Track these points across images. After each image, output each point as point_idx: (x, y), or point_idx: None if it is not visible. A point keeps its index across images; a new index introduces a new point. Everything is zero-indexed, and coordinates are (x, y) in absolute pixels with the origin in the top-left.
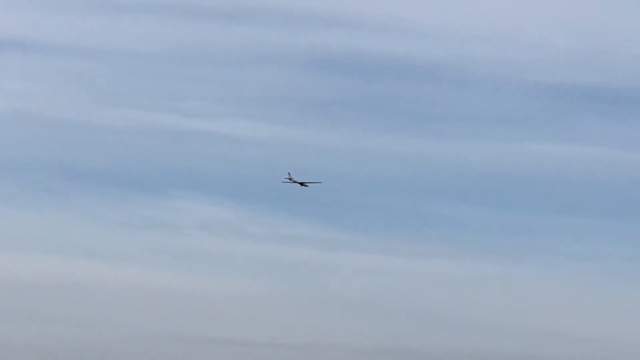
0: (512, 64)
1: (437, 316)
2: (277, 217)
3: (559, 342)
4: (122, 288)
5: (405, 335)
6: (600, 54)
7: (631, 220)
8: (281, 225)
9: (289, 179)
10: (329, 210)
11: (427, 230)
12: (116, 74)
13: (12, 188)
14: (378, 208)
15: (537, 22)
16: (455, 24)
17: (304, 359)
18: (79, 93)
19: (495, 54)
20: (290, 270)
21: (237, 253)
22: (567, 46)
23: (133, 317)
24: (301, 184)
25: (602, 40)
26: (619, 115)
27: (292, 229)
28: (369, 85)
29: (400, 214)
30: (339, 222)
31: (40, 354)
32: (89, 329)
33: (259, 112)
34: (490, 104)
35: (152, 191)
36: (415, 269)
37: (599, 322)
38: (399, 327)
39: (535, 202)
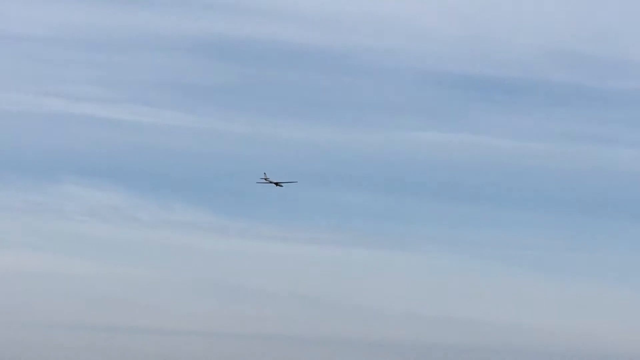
0: (402, 53)
1: (325, 302)
2: (167, 203)
3: (440, 326)
4: (8, 273)
5: (293, 321)
6: (488, 45)
7: (512, 207)
8: (171, 212)
9: (265, 179)
10: (220, 197)
11: (315, 217)
12: (4, 57)
13: None
14: (268, 195)
15: (427, 11)
16: (348, 12)
17: (193, 345)
18: None
19: (386, 43)
20: (179, 257)
21: (126, 239)
22: (456, 37)
23: (20, 302)
24: (276, 184)
25: (490, 32)
26: (506, 105)
27: (182, 215)
28: (261, 72)
29: (290, 201)
30: (229, 209)
31: None
32: None
33: (149, 97)
34: (380, 93)
35: (41, 176)
36: (304, 255)
37: (479, 305)
38: (287, 312)
39: (420, 190)
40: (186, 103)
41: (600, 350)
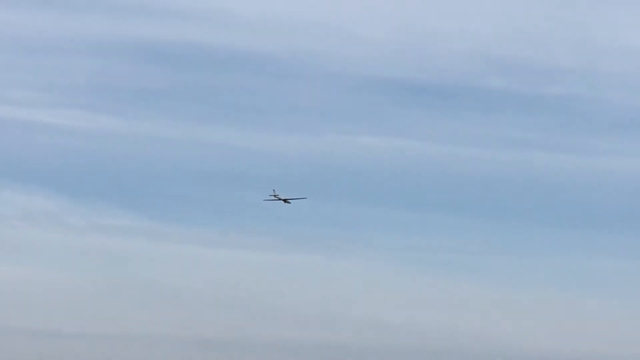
0: (338, 58)
1: (259, 307)
2: (98, 208)
3: (377, 332)
4: None
5: (227, 326)
6: (424, 51)
7: (448, 213)
8: (102, 216)
9: (274, 195)
10: (150, 201)
11: (248, 221)
12: None
13: None
14: (199, 199)
15: (363, 16)
16: (279, 16)
17: (125, 350)
18: None
19: (322, 48)
20: (111, 261)
21: (57, 243)
22: (388, 41)
23: None
24: (284, 200)
25: (426, 37)
26: (441, 110)
27: (114, 219)
28: (195, 77)
29: (222, 205)
30: (160, 213)
31: None
32: None
33: (81, 102)
34: (312, 97)
35: None
36: (238, 260)
37: (413, 309)
38: (220, 317)
39: (356, 195)
40: (119, 107)
41: (532, 354)
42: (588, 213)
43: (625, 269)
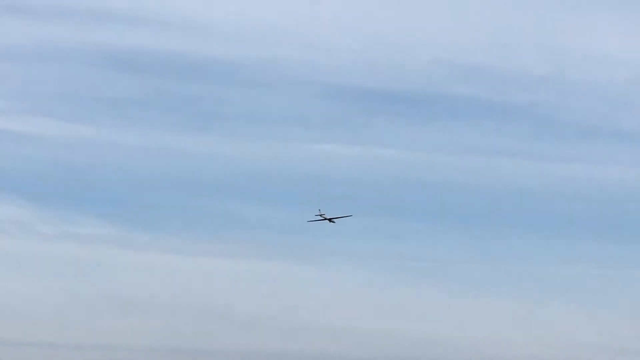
0: (303, 66)
1: (231, 315)
2: (69, 216)
3: (353, 340)
4: None
5: (199, 334)
6: (390, 58)
7: (414, 220)
8: (73, 225)
9: (320, 215)
10: (122, 210)
11: (220, 229)
12: None
13: None
14: (171, 207)
15: (328, 25)
16: (249, 25)
17: (95, 359)
18: None
19: (287, 56)
20: (82, 270)
21: (28, 252)
22: (357, 49)
23: None
24: (330, 220)
25: (392, 44)
26: (408, 117)
27: (85, 228)
28: (163, 84)
29: (193, 213)
30: (131, 221)
31: None
32: None
33: (51, 110)
34: (283, 105)
35: None
36: (210, 268)
37: (379, 317)
38: (192, 326)
39: (322, 202)
40: (89, 115)
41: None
42: (556, 219)
43: (593, 275)
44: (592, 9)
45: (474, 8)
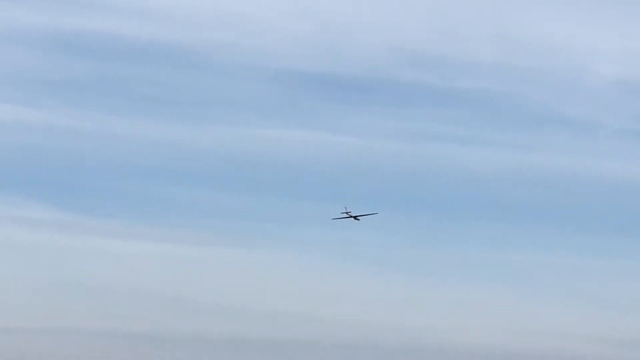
0: (249, 50)
1: (176, 299)
2: (14, 200)
3: (295, 324)
4: None
5: (144, 319)
6: (337, 44)
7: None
8: (19, 209)
9: (346, 213)
10: (67, 194)
11: (165, 214)
12: None
13: None
14: (115, 191)
15: (275, 9)
16: (194, 8)
17: (39, 344)
18: None
19: (232, 40)
20: (27, 254)
21: None
22: (304, 33)
23: None
24: (355, 217)
25: (338, 30)
26: (354, 103)
27: (30, 212)
28: (108, 68)
29: (139, 198)
30: (77, 205)
31: None
32: None
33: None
34: (227, 89)
35: None
36: (155, 253)
37: (334, 305)
38: (137, 310)
39: (265, 187)
40: (34, 99)
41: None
42: (502, 206)
43: (540, 262)
44: None
45: None
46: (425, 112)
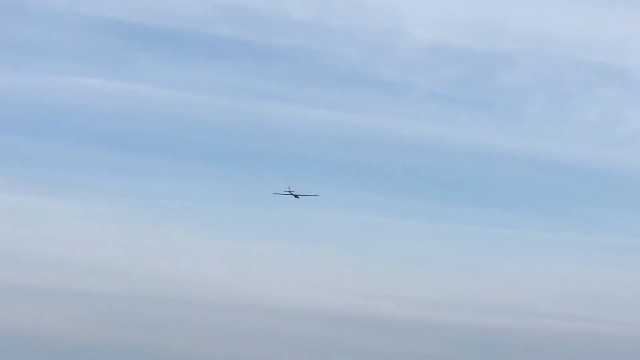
0: None
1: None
2: None
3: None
4: None
5: None
6: None
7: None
8: None
9: (289, 191)
10: None
11: None
12: None
13: None
14: None
15: None
16: None
17: None
18: None
19: None
20: None
21: None
22: None
23: None
24: (295, 196)
25: None
26: (170, 56)
27: None
28: None
29: None
30: None
31: None
32: None
33: None
34: (36, 35)
35: None
36: None
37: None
38: None
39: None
40: None
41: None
42: (316, 164)
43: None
44: None
45: None
46: (237, 67)
